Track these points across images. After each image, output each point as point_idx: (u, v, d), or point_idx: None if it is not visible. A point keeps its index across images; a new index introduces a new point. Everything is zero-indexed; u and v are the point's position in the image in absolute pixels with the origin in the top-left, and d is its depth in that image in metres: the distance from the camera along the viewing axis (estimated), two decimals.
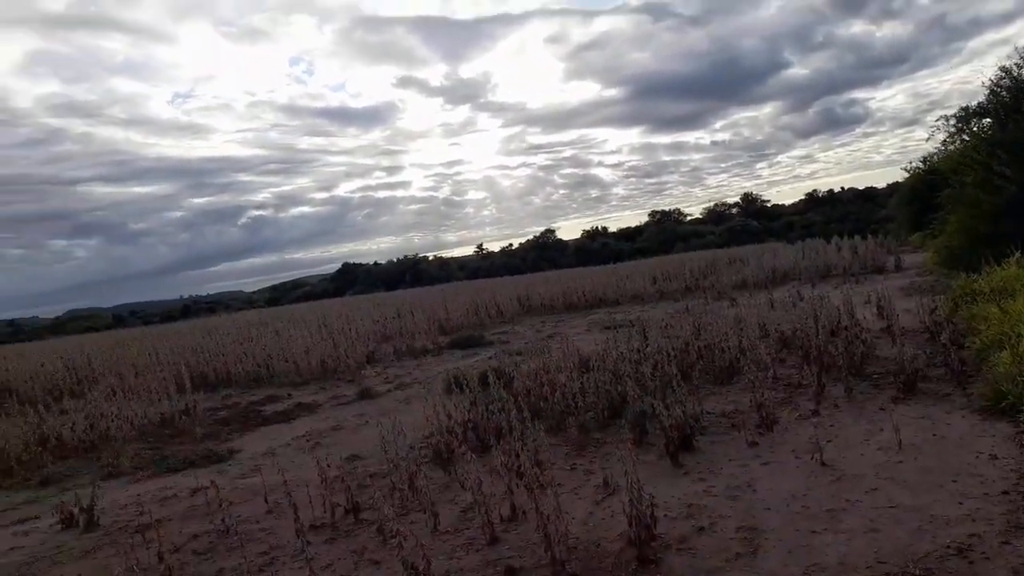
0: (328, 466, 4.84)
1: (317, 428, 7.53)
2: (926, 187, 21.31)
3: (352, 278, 66.06)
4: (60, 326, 60.70)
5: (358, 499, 4.52)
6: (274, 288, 77.94)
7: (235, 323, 24.05)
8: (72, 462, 7.30)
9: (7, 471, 7.04)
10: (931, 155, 23.31)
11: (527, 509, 3.95)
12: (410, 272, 61.95)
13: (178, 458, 6.82)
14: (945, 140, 16.03)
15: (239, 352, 13.06)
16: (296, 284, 77.20)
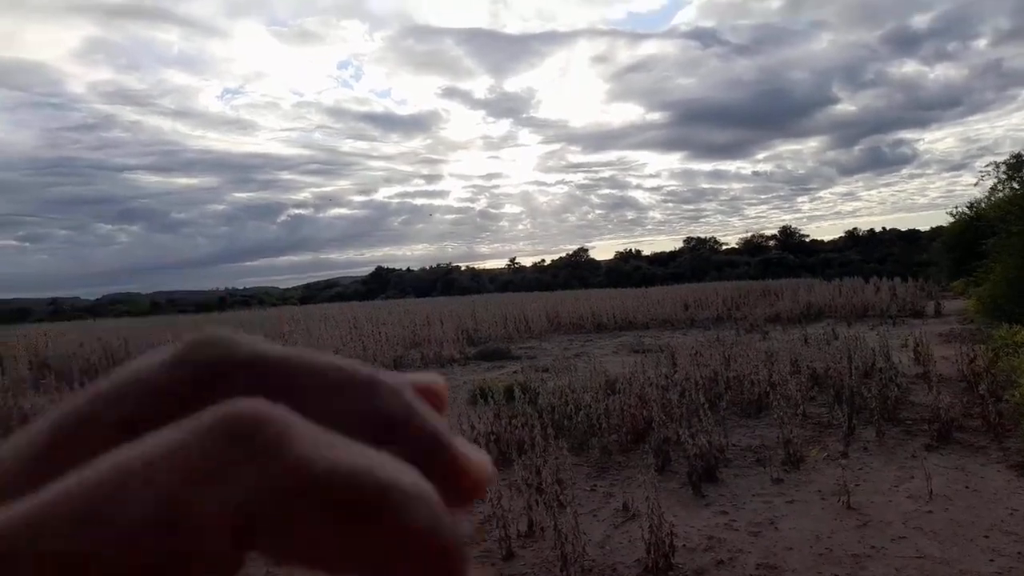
0: None
1: None
2: (971, 233, 20.86)
3: (384, 282, 66.74)
4: (99, 308, 62.32)
5: None
6: (307, 287, 79.11)
7: (268, 318, 24.43)
8: None
9: None
10: (978, 201, 22.82)
11: (545, 526, 3.94)
12: (442, 280, 62.35)
13: None
14: (994, 186, 15.68)
15: None
16: (329, 284, 78.24)
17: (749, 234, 69.42)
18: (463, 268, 71.05)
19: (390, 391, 0.19)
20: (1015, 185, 14.25)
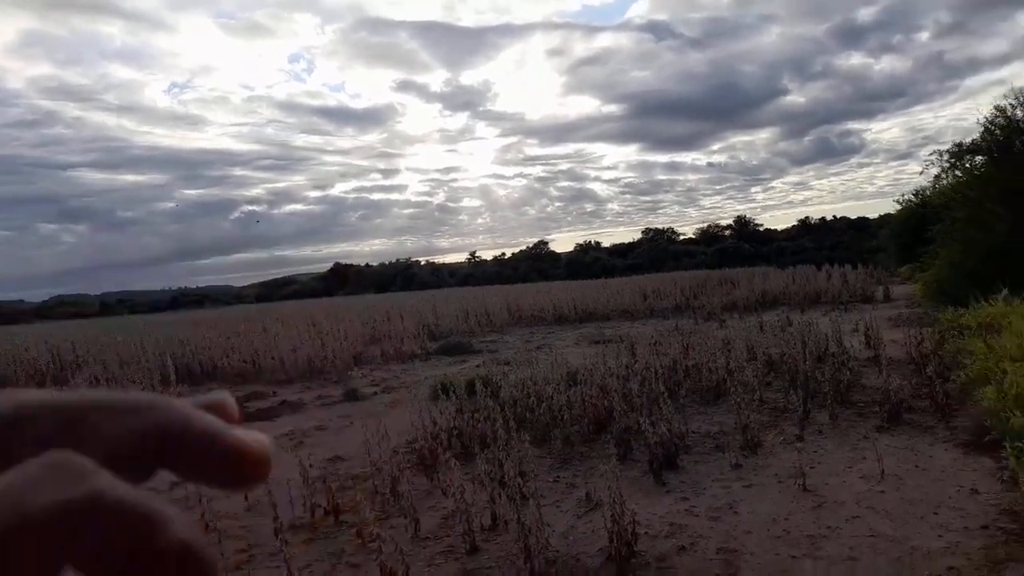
0: (310, 466, 4.81)
1: (301, 427, 7.49)
2: (917, 220, 21.52)
3: (343, 279, 65.95)
4: (46, 311, 60.21)
5: (339, 501, 4.49)
6: (264, 284, 77.73)
7: (223, 317, 23.92)
8: None
9: None
10: (923, 189, 23.52)
11: (508, 519, 3.94)
12: (401, 276, 61.90)
13: None
14: (938, 175, 16.15)
15: (226, 347, 12.98)
16: (286, 281, 76.97)
17: (705, 224, 70.66)
18: (423, 263, 70.77)
19: (167, 408, 0.21)
20: (958, 173, 14.71)
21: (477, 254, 73.64)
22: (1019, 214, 11.17)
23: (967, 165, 14.51)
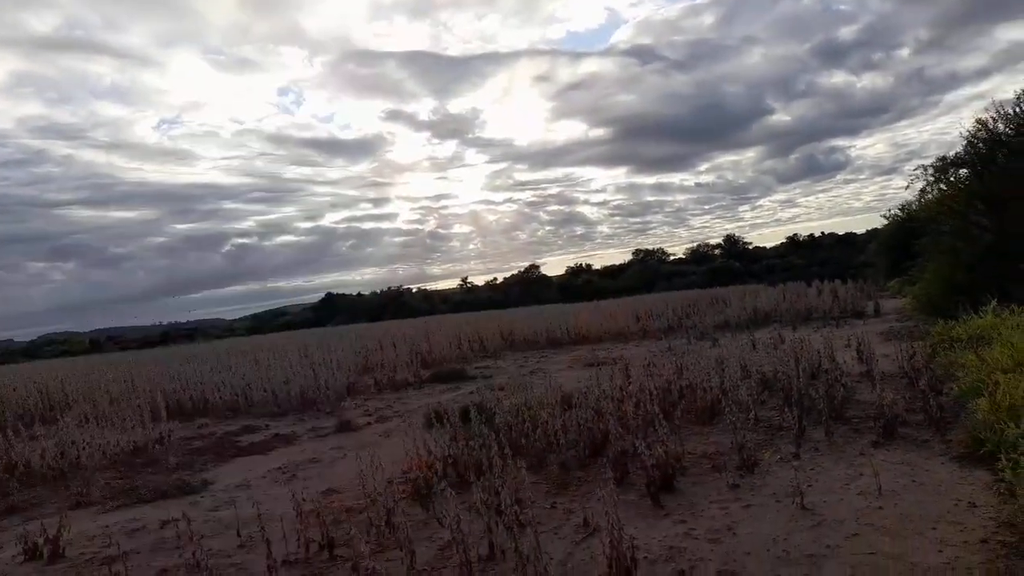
0: (303, 500, 4.75)
1: (294, 460, 7.41)
2: (904, 234, 21.74)
3: (335, 308, 65.76)
4: (35, 350, 59.65)
5: (333, 535, 4.43)
6: (255, 317, 77.40)
7: (214, 351, 23.75)
8: (40, 490, 7.11)
9: None
10: (909, 203, 23.79)
11: (506, 548, 3.89)
12: (393, 304, 61.77)
13: (149, 488, 6.66)
14: (923, 189, 16.35)
15: (217, 381, 12.87)
16: (278, 313, 76.70)
17: (695, 244, 71.02)
18: (415, 290, 70.61)
19: None
20: (942, 186, 14.89)
21: (469, 280, 73.74)
22: (1004, 225, 11.29)
23: (951, 178, 14.70)
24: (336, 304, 67.46)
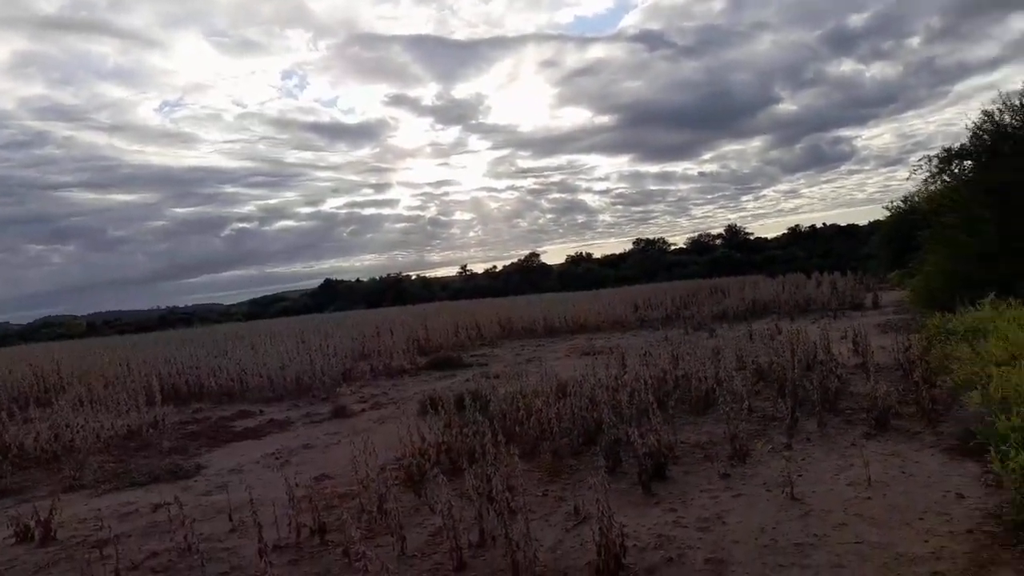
0: (296, 485, 4.76)
1: (288, 446, 7.42)
2: (906, 226, 21.67)
3: (334, 294, 65.74)
4: (32, 332, 59.64)
5: (325, 520, 4.44)
6: (254, 302, 77.28)
7: (211, 336, 23.78)
8: (33, 473, 7.13)
9: None
10: (912, 195, 23.73)
11: (496, 535, 3.90)
12: (392, 290, 61.73)
13: (143, 472, 6.68)
14: (926, 180, 16.27)
15: (213, 365, 12.89)
16: (277, 298, 76.62)
17: (696, 234, 70.69)
18: (414, 277, 70.50)
19: None
20: (946, 178, 14.81)
21: (468, 267, 73.59)
22: (1007, 217, 11.24)
23: (955, 170, 14.62)
24: (335, 290, 67.43)
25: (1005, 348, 6.22)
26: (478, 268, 72.37)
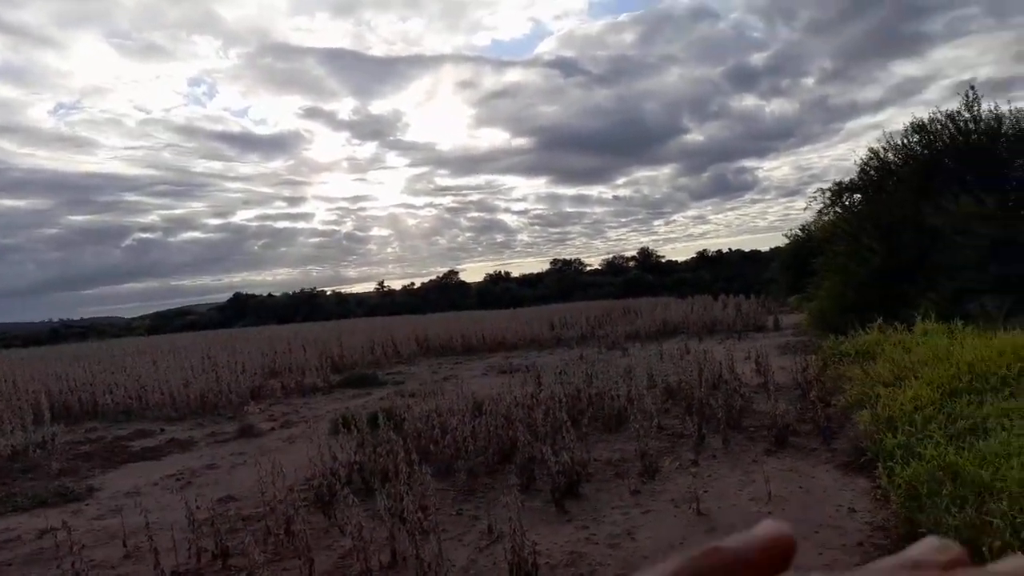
0: (197, 507, 4.55)
1: (190, 466, 7.07)
2: (804, 253, 22.91)
3: (244, 309, 63.39)
4: None
5: (228, 544, 4.26)
6: (157, 315, 73.60)
7: (108, 350, 22.43)
8: None
9: None
10: (808, 224, 25.17)
11: (408, 555, 3.85)
12: (306, 306, 60.11)
13: (27, 496, 6.21)
14: (820, 211, 17.41)
15: (109, 382, 12.15)
16: (182, 312, 73.21)
17: (611, 256, 72.47)
18: (329, 293, 68.93)
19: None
20: (838, 209, 15.86)
21: (386, 284, 72.55)
22: (891, 248, 12.12)
23: (846, 202, 15.69)
24: (245, 304, 65.01)
25: (891, 370, 6.67)
26: (396, 285, 71.53)
